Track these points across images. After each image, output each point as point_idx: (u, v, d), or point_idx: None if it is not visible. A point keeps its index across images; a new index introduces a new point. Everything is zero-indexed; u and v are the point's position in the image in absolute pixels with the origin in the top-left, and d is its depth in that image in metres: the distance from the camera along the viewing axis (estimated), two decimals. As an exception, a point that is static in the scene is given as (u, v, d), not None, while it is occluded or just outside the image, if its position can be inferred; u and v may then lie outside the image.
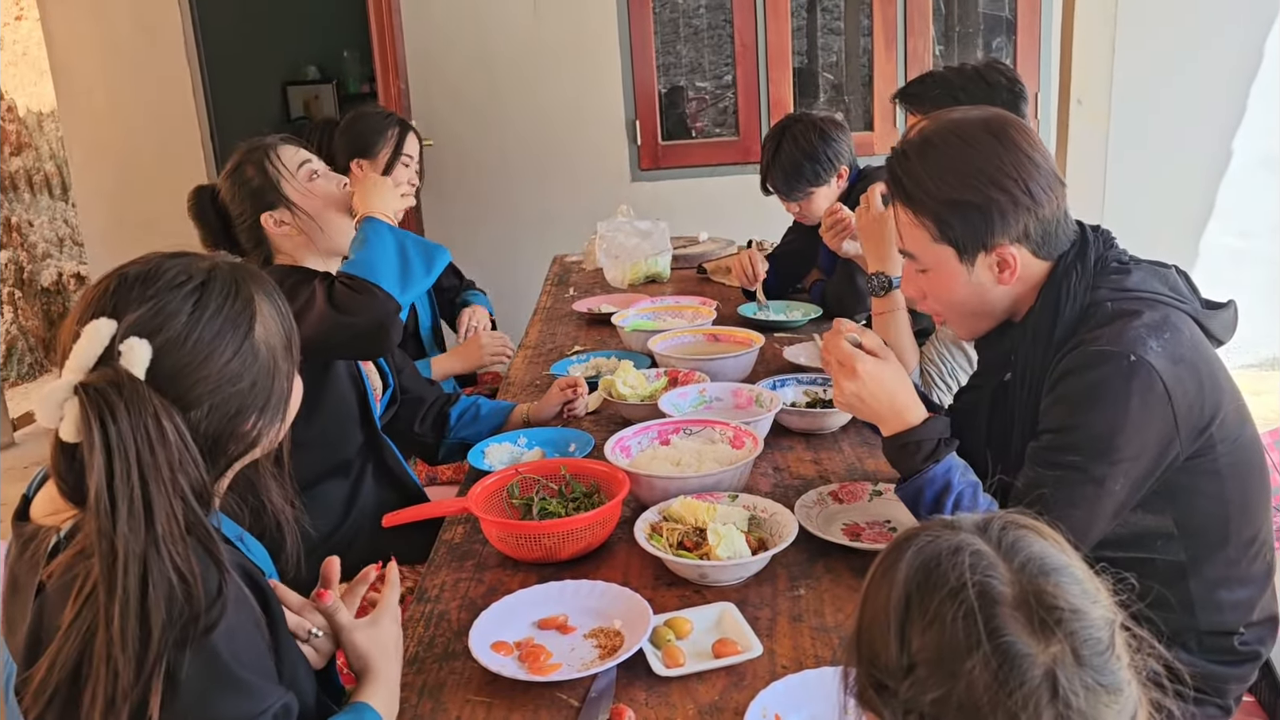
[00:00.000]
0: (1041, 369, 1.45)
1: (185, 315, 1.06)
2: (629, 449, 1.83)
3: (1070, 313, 1.43)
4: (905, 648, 0.77)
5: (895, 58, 4.76)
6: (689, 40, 5.18)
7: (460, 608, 1.49)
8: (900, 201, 1.49)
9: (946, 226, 1.43)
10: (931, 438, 1.45)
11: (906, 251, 1.52)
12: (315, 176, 1.97)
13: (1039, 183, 1.41)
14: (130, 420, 0.96)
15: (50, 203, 6.76)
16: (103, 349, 1.01)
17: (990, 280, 1.46)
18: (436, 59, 4.65)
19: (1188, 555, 1.43)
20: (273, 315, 1.15)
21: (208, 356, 1.06)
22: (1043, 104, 4.68)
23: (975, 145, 1.42)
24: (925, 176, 1.44)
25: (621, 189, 4.77)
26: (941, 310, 1.55)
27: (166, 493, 0.98)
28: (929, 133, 1.46)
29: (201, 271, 1.10)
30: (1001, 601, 0.75)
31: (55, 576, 1.01)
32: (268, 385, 1.12)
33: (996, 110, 1.51)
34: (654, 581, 1.53)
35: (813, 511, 1.66)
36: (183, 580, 0.97)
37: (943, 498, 1.42)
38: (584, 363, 2.51)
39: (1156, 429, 1.34)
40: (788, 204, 2.96)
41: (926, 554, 0.80)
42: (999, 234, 1.42)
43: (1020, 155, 1.41)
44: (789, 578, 1.52)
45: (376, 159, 2.67)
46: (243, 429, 1.11)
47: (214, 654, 0.98)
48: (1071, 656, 0.74)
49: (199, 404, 1.06)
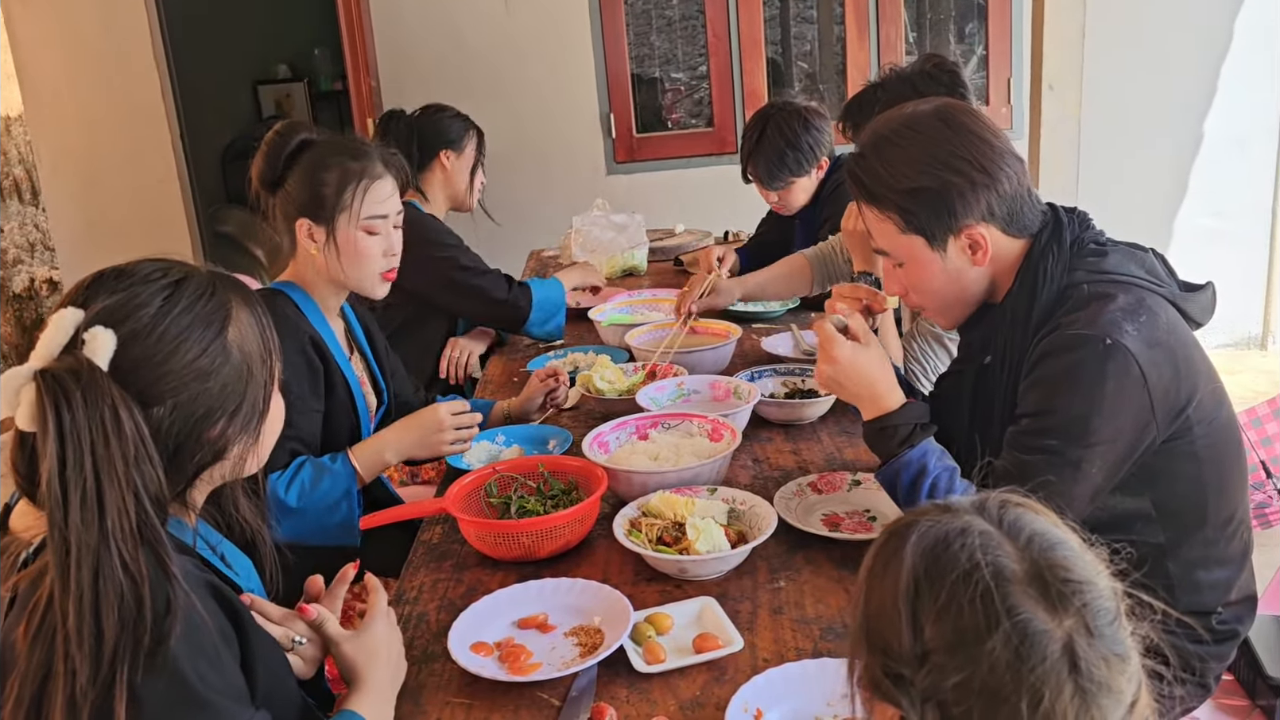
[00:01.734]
0: (1020, 351, 1.45)
1: (154, 308, 1.04)
2: (607, 444, 1.82)
3: (1047, 295, 1.44)
4: (919, 635, 0.77)
5: (868, 45, 4.76)
6: (661, 31, 5.17)
7: (439, 609, 1.48)
8: (864, 201, 1.50)
9: (910, 216, 1.44)
10: (908, 422, 1.46)
11: (880, 250, 1.52)
12: (375, 235, 1.83)
13: (993, 160, 1.42)
14: (86, 409, 0.95)
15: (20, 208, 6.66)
16: (68, 338, 0.99)
17: (965, 263, 1.46)
18: (408, 55, 4.61)
19: (1166, 537, 1.43)
20: (250, 324, 1.13)
21: (174, 350, 1.04)
22: (1015, 90, 4.70)
23: (926, 134, 1.44)
24: (882, 171, 1.45)
25: (597, 182, 4.75)
26: (924, 302, 1.55)
27: (119, 487, 0.96)
28: (881, 130, 1.49)
29: (179, 270, 1.09)
30: (1014, 579, 0.75)
31: (21, 589, 0.99)
32: (239, 391, 1.10)
33: (945, 99, 1.53)
34: (634, 577, 1.52)
35: (792, 503, 1.66)
36: (131, 581, 0.94)
37: (919, 481, 1.43)
38: (561, 358, 2.50)
39: (1132, 412, 1.35)
40: (766, 193, 2.94)
41: (931, 538, 0.80)
42: (962, 215, 1.43)
43: (971, 136, 1.43)
44: (769, 570, 1.51)
45: (464, 153, 2.79)
46: (210, 433, 1.08)
47: (178, 674, 0.96)
48: (1085, 628, 0.74)
49: (161, 400, 1.04)
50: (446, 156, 2.77)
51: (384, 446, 1.78)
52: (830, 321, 1.53)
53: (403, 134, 2.74)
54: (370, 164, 1.84)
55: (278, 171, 1.83)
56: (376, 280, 1.87)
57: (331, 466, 1.72)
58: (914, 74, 2.22)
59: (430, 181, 2.79)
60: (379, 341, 2.08)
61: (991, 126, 1.46)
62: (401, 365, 2.18)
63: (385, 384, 2.04)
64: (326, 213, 1.80)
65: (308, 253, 1.83)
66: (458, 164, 2.78)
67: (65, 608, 0.91)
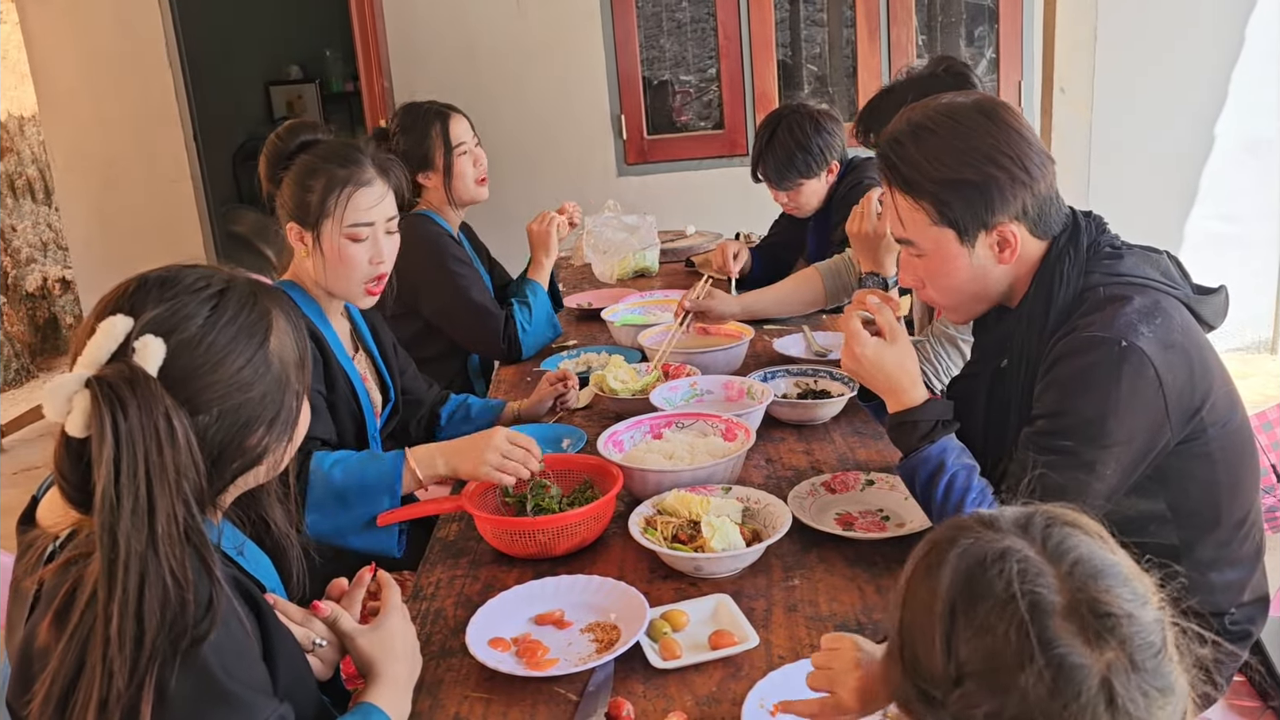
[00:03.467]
0: (1036, 354, 1.46)
1: (201, 319, 1.06)
2: (622, 443, 1.83)
3: (1064, 298, 1.44)
4: (952, 658, 0.76)
5: (879, 48, 4.77)
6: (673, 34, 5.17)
7: (456, 605, 1.49)
8: (897, 188, 1.48)
9: (945, 207, 1.43)
10: (929, 419, 1.47)
11: (905, 239, 1.52)
12: (359, 242, 1.82)
13: (1033, 160, 1.42)
14: (141, 416, 0.96)
15: (34, 207, 6.71)
16: (117, 345, 1.00)
17: (991, 260, 1.46)
18: (420, 57, 4.63)
19: (1180, 538, 1.44)
20: (288, 331, 1.14)
21: (220, 361, 1.06)
22: (1026, 92, 4.70)
23: (968, 125, 1.43)
24: (921, 160, 1.44)
25: (608, 184, 4.76)
26: (940, 296, 1.54)
27: (170, 494, 0.97)
28: (920, 118, 1.47)
29: (221, 280, 1.10)
30: (1053, 612, 0.74)
31: (46, 584, 1.01)
32: (278, 399, 1.12)
33: (983, 93, 1.53)
34: (649, 575, 1.53)
35: (805, 502, 1.67)
36: (178, 586, 0.96)
37: (936, 477, 1.44)
38: (574, 358, 2.52)
39: (1147, 414, 1.35)
40: (777, 193, 2.96)
41: (971, 558, 0.78)
42: (999, 211, 1.42)
43: (1013, 133, 1.42)
44: (783, 568, 1.53)
45: (436, 165, 2.64)
46: (249, 441, 1.10)
47: (204, 668, 0.97)
48: (1126, 662, 0.72)
49: (208, 409, 1.05)
50: (425, 177, 2.67)
51: (438, 453, 1.70)
52: (857, 316, 1.54)
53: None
54: (358, 170, 1.82)
55: (277, 173, 1.85)
56: (359, 291, 1.86)
57: (382, 456, 1.70)
58: (925, 77, 2.23)
59: (430, 199, 2.71)
60: (386, 339, 2.08)
61: (1029, 126, 1.46)
62: (414, 364, 2.19)
63: (391, 381, 2.04)
64: (312, 218, 1.80)
65: (299, 258, 1.86)
66: (435, 178, 2.66)
67: (109, 611, 0.92)
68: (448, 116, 2.66)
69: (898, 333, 1.52)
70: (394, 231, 1.89)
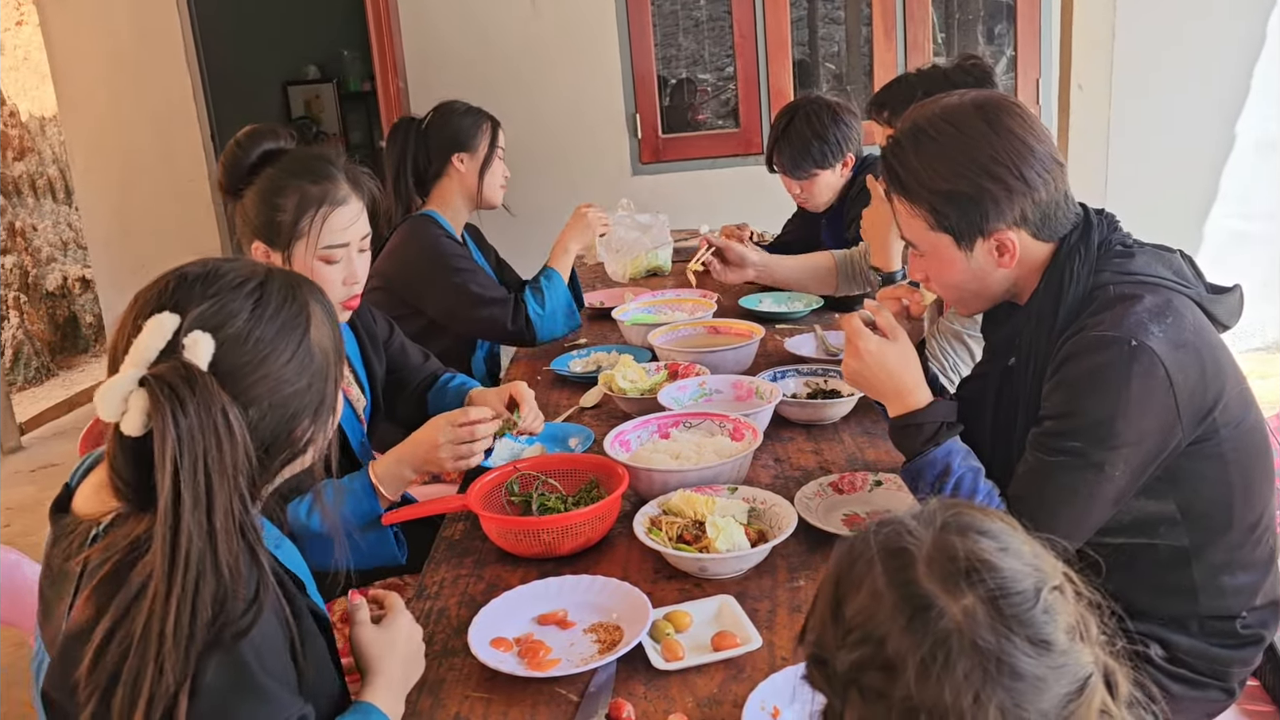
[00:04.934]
0: (1045, 353, 1.44)
1: (246, 313, 1.06)
2: (629, 443, 1.82)
3: (1073, 296, 1.42)
4: (839, 621, 0.80)
5: (895, 46, 4.74)
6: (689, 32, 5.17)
7: (460, 604, 1.49)
8: (896, 192, 1.48)
9: (941, 216, 1.43)
10: (933, 420, 1.46)
11: (907, 239, 1.52)
12: (334, 264, 1.72)
13: (1034, 167, 1.39)
14: (200, 413, 0.96)
15: (54, 207, 6.78)
16: (165, 343, 1.00)
17: (990, 264, 1.45)
18: (435, 56, 4.64)
19: (1190, 541, 1.42)
20: (325, 321, 1.15)
21: (268, 355, 1.06)
22: (1044, 90, 4.66)
23: (967, 132, 1.41)
24: (918, 167, 1.43)
25: (623, 183, 4.76)
26: (944, 292, 1.55)
27: (228, 489, 0.98)
28: (921, 121, 1.45)
29: (259, 274, 1.10)
30: (914, 562, 0.78)
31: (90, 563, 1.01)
32: (321, 389, 1.12)
33: (990, 93, 1.50)
34: (653, 575, 1.53)
35: (813, 503, 1.66)
36: (232, 580, 0.97)
37: (942, 480, 1.42)
38: (584, 357, 2.51)
39: (1157, 415, 1.33)
40: (790, 184, 2.94)
41: (855, 536, 0.84)
42: (994, 220, 1.41)
43: (1013, 140, 1.40)
44: (788, 569, 1.52)
45: (476, 153, 2.67)
46: (296, 432, 1.11)
47: (240, 659, 0.98)
48: (987, 608, 0.75)
49: (258, 403, 1.05)
50: (460, 160, 2.66)
51: (399, 461, 1.66)
52: (858, 316, 1.53)
53: (411, 143, 2.68)
54: (332, 187, 1.70)
55: (237, 186, 1.73)
56: (337, 308, 1.70)
57: (350, 486, 1.65)
58: (949, 69, 2.22)
59: (447, 188, 2.69)
60: (364, 335, 1.97)
61: (1035, 127, 1.43)
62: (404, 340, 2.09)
63: (369, 384, 1.96)
64: (282, 240, 1.68)
65: None
66: (471, 165, 2.67)
67: (167, 607, 0.93)
68: (499, 124, 2.75)
69: (899, 332, 1.53)
70: (366, 250, 1.78)
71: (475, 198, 2.71)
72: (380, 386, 1.98)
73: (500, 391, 1.87)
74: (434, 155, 2.68)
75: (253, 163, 1.71)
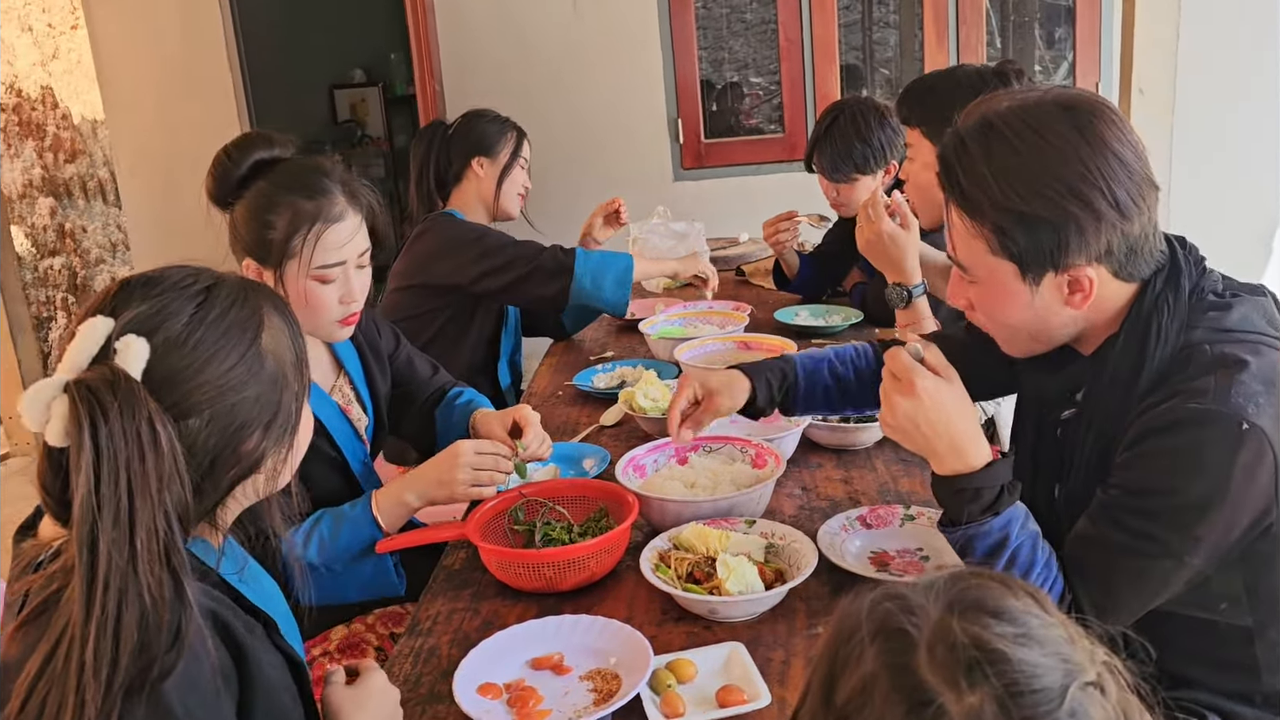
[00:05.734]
0: (1117, 415, 1.22)
1: (187, 315, 0.99)
2: (643, 468, 1.72)
3: (1160, 356, 1.20)
4: (831, 703, 0.69)
5: (946, 49, 4.58)
6: (733, 35, 5.06)
7: (452, 642, 1.39)
8: (954, 201, 1.24)
9: (1008, 240, 1.19)
10: (993, 485, 1.22)
11: (957, 260, 1.28)
12: (329, 284, 1.61)
13: (1130, 190, 1.15)
14: (123, 422, 0.89)
15: (104, 209, 6.82)
16: (98, 347, 0.94)
17: (1056, 303, 1.22)
18: (473, 59, 4.57)
19: (1254, 619, 1.24)
20: (282, 329, 1.08)
21: (209, 359, 0.99)
22: (1103, 94, 4.47)
23: (1052, 140, 1.16)
24: (988, 176, 1.18)
25: (664, 189, 4.65)
26: (993, 327, 1.32)
27: (152, 507, 0.90)
28: (995, 117, 1.20)
29: (209, 277, 1.04)
30: (914, 645, 0.66)
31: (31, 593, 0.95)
32: (274, 400, 1.05)
33: (1079, 92, 1.24)
34: (660, 615, 1.42)
35: (838, 539, 1.53)
36: (155, 607, 0.89)
37: (997, 552, 1.21)
38: (609, 372, 2.41)
39: (1256, 503, 1.14)
40: (827, 187, 2.80)
41: (853, 605, 0.72)
42: (1074, 253, 1.17)
43: (1108, 154, 1.15)
44: (807, 613, 1.40)
45: (496, 159, 2.65)
46: (245, 446, 1.03)
47: (167, 709, 0.90)
48: (996, 707, 0.62)
49: (198, 411, 0.98)
50: (479, 164, 2.65)
51: (404, 487, 1.58)
52: (906, 351, 1.27)
53: (436, 146, 2.68)
54: (327, 203, 1.59)
55: (227, 198, 1.63)
56: (333, 327, 1.65)
57: (350, 514, 1.57)
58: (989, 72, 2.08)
59: (467, 191, 2.67)
60: (367, 350, 1.86)
61: (1132, 138, 1.19)
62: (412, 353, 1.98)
63: (371, 401, 1.85)
64: (273, 258, 1.58)
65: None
66: (490, 170, 2.65)
67: (86, 632, 0.86)
68: (525, 134, 2.74)
69: (953, 371, 1.27)
70: (366, 265, 1.67)
71: (492, 205, 2.68)
72: (385, 403, 1.87)
73: (504, 416, 1.77)
74: (455, 158, 2.67)
75: (243, 174, 1.61)
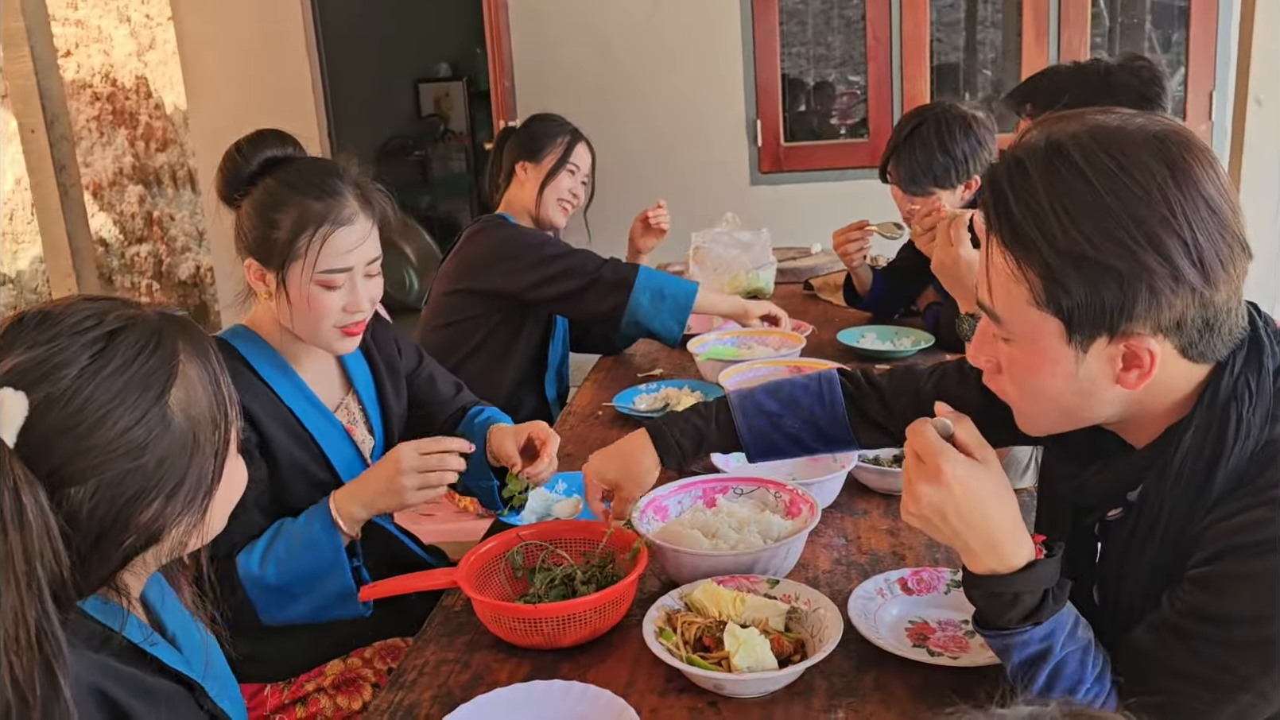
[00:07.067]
0: (1181, 520, 1.02)
1: (78, 368, 0.88)
2: (665, 510, 1.57)
3: (1240, 453, 0.99)
4: None
5: (1046, 51, 4.31)
6: (819, 35, 4.86)
7: (434, 700, 1.27)
8: (998, 235, 0.99)
9: (1060, 289, 0.95)
10: (1035, 590, 1.03)
11: (989, 308, 1.04)
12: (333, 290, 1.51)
13: (1219, 250, 0.92)
14: None
15: (191, 197, 6.95)
16: None
17: (1105, 378, 0.99)
18: (547, 56, 4.47)
19: None
20: (201, 381, 0.96)
21: (100, 420, 0.88)
22: (1218, 104, 4.16)
23: (1136, 173, 0.92)
24: (1047, 208, 0.94)
25: (741, 193, 4.49)
26: (1016, 395, 1.07)
27: (18, 590, 0.80)
28: (1064, 138, 0.96)
29: (118, 319, 0.93)
30: None
31: None
32: (181, 465, 0.94)
33: (1172, 123, 0.98)
34: (664, 685, 1.26)
35: (872, 604, 1.37)
36: (21, 700, 0.79)
37: (1039, 664, 1.03)
38: (653, 393, 2.26)
39: None
40: (902, 199, 2.58)
41: None
42: (1139, 318, 0.94)
43: (1200, 202, 0.92)
44: (828, 692, 1.23)
45: (541, 163, 2.57)
46: (141, 518, 0.92)
47: None
48: None
49: (81, 480, 0.88)
50: (523, 168, 2.58)
51: (350, 498, 1.46)
52: (933, 425, 1.07)
53: (500, 147, 2.64)
54: (336, 205, 1.50)
55: (234, 196, 1.56)
56: (334, 336, 1.55)
57: (308, 529, 1.46)
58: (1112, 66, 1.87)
59: (514, 195, 2.61)
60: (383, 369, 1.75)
61: (1230, 191, 0.96)
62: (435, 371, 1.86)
63: (382, 423, 1.74)
64: (276, 259, 1.50)
65: (261, 296, 1.56)
66: (533, 175, 2.57)
67: None
68: (580, 138, 2.64)
69: (989, 451, 1.07)
70: (376, 274, 1.57)
71: (534, 211, 2.58)
72: (399, 424, 1.76)
73: (518, 431, 1.64)
74: (505, 160, 2.61)
75: (253, 171, 1.53)
